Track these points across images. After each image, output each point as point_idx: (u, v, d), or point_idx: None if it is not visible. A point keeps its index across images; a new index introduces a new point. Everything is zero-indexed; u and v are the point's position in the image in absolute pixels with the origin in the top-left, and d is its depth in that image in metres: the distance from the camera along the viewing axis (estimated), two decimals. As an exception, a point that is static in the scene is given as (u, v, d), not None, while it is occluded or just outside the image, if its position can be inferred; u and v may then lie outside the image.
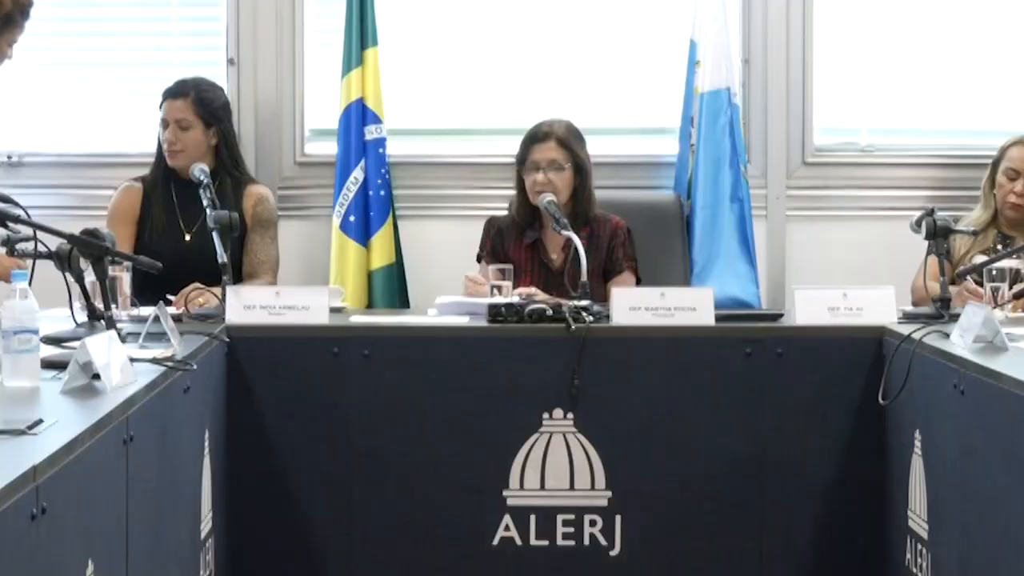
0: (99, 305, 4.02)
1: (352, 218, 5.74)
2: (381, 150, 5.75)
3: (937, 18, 6.01)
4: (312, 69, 5.93)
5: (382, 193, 5.74)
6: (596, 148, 5.32)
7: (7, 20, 5.30)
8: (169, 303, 4.71)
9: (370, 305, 5.69)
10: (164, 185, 5.16)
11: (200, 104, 5.16)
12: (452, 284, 5.29)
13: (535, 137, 5.20)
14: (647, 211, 5.72)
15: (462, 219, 5.69)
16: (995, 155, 5.37)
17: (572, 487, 4.69)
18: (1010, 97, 5.96)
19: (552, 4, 5.98)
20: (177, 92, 5.17)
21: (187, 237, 5.12)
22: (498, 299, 4.73)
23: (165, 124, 5.13)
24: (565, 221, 5.00)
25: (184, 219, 5.13)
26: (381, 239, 5.75)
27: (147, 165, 5.35)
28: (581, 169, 5.18)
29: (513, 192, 5.33)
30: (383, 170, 5.75)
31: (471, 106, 6.01)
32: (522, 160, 5.21)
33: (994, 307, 4.32)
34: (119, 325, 3.99)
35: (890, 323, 4.67)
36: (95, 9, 5.94)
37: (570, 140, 5.19)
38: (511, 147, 5.29)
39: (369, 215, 5.75)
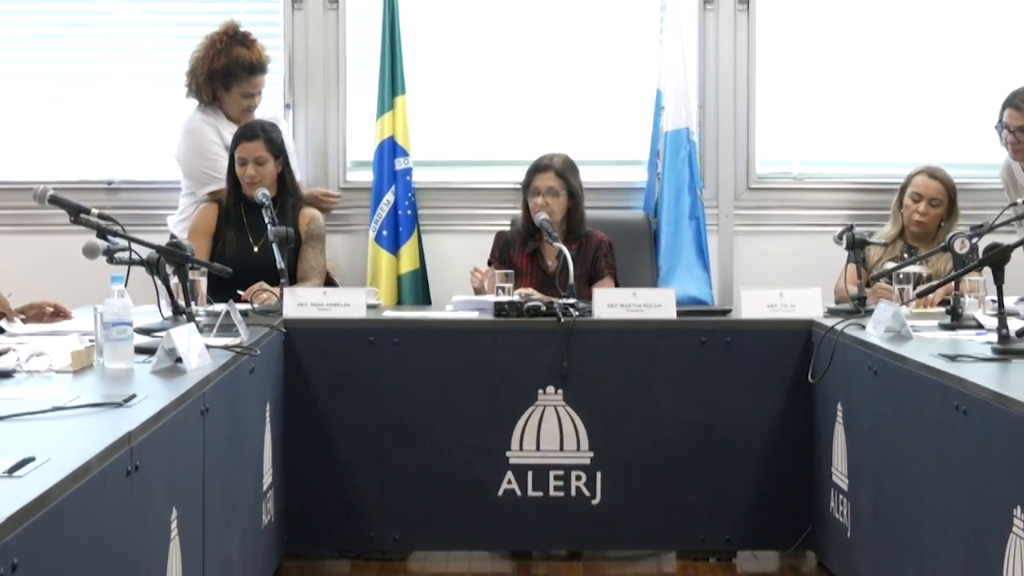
0: (181, 303, 4.02)
1: (384, 232, 5.72)
2: (408, 178, 5.73)
3: (856, 72, 5.98)
4: (352, 113, 5.90)
5: (409, 212, 5.72)
6: (582, 176, 5.29)
7: (227, 74, 5.28)
8: (239, 300, 4.71)
9: (399, 302, 5.67)
10: (235, 206, 5.13)
11: (269, 142, 5.13)
12: (466, 286, 5.26)
13: (537, 167, 5.19)
14: (622, 227, 5.70)
15: (473, 233, 5.67)
16: (903, 182, 5.35)
17: (561, 448, 4.67)
18: (913, 135, 5.93)
19: (548, 60, 5.95)
20: (251, 135, 5.12)
21: (254, 248, 5.08)
22: (502, 298, 4.72)
23: (243, 161, 5.06)
24: (556, 235, 5.01)
25: (251, 233, 5.10)
26: (408, 249, 5.73)
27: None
28: (574, 195, 5.16)
29: (515, 212, 5.31)
30: (409, 194, 5.72)
31: (482, 141, 5.99)
32: (526, 186, 5.19)
33: (901, 304, 4.29)
34: (197, 319, 3.99)
35: (817, 317, 4.67)
36: (179, 64, 5.91)
37: (566, 171, 5.17)
38: (514, 175, 5.29)
39: (398, 230, 5.72)
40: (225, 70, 5.37)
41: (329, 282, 5.33)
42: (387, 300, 5.60)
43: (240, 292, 4.75)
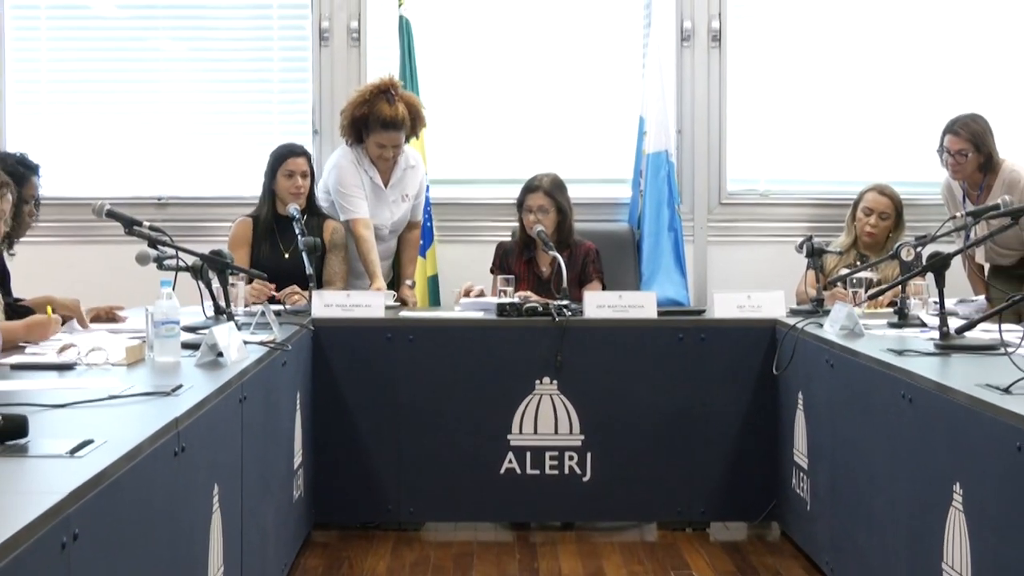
0: (222, 304, 4.01)
1: (409, 243, 5.71)
2: (426, 195, 5.70)
3: (815, 101, 5.98)
4: (374, 137, 5.89)
5: (428, 225, 5.70)
6: (574, 192, 5.29)
7: (365, 124, 5.24)
8: (273, 301, 4.71)
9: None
10: (269, 219, 5.12)
11: (309, 160, 5.14)
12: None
13: (528, 188, 5.16)
14: (609, 238, 5.70)
15: (479, 244, 5.65)
16: (855, 197, 5.35)
17: (556, 432, 4.67)
18: (865, 157, 5.93)
19: (545, 90, 5.94)
20: (300, 152, 5.11)
21: (285, 256, 5.07)
22: (504, 300, 4.72)
23: (291, 174, 5.04)
24: (551, 244, 5.00)
25: (283, 243, 5.09)
26: (429, 256, 5.72)
27: (252, 204, 5.29)
28: (561, 210, 5.14)
29: (515, 224, 5.31)
30: (427, 210, 5.70)
31: (487, 165, 5.98)
32: (520, 204, 5.18)
33: (854, 305, 4.29)
34: (236, 318, 3.98)
35: (780, 317, 4.67)
36: (219, 94, 5.91)
37: (553, 191, 5.14)
38: (515, 192, 5.26)
39: (423, 240, 5.70)
40: (364, 119, 5.22)
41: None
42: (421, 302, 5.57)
43: (275, 294, 4.77)
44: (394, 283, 5.43)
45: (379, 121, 5.20)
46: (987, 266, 5.43)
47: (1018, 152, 5.52)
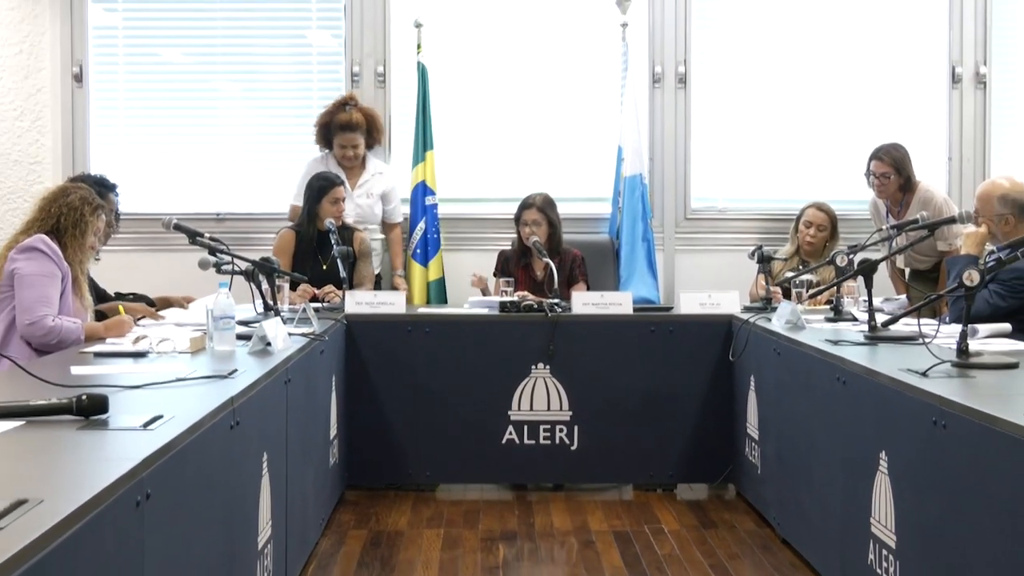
0: (270, 302, 4.01)
1: (418, 251, 5.68)
2: (435, 211, 5.70)
3: (764, 133, 5.96)
4: (395, 161, 5.88)
5: (435, 236, 5.69)
6: (563, 209, 5.29)
7: (329, 129, 5.33)
8: (315, 299, 4.72)
9: (428, 302, 5.64)
10: (309, 231, 5.12)
11: (346, 188, 5.18)
12: (475, 289, 5.24)
13: (524, 205, 5.19)
14: (592, 247, 5.69)
15: (482, 252, 5.64)
16: (798, 213, 5.35)
17: (548, 409, 4.67)
18: (806, 179, 5.91)
19: (538, 123, 5.92)
20: (340, 182, 5.13)
21: (324, 267, 5.07)
22: (505, 298, 4.72)
23: (336, 200, 5.03)
24: (544, 252, 5.01)
25: (320, 252, 5.09)
26: (435, 263, 5.70)
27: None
28: (552, 223, 5.16)
29: (513, 235, 5.31)
30: (435, 223, 5.70)
31: (488, 184, 5.96)
32: (517, 218, 5.20)
33: (797, 303, 4.28)
34: (282, 314, 3.97)
35: (735, 312, 4.67)
36: (269, 125, 5.90)
37: (545, 207, 5.16)
38: (513, 208, 5.26)
39: (428, 249, 5.68)
40: (328, 126, 5.46)
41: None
42: (419, 300, 5.59)
43: (316, 292, 4.80)
44: (385, 276, 5.61)
45: (338, 125, 5.40)
46: (907, 270, 5.43)
47: (931, 174, 5.55)
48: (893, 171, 5.13)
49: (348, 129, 5.39)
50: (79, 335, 3.58)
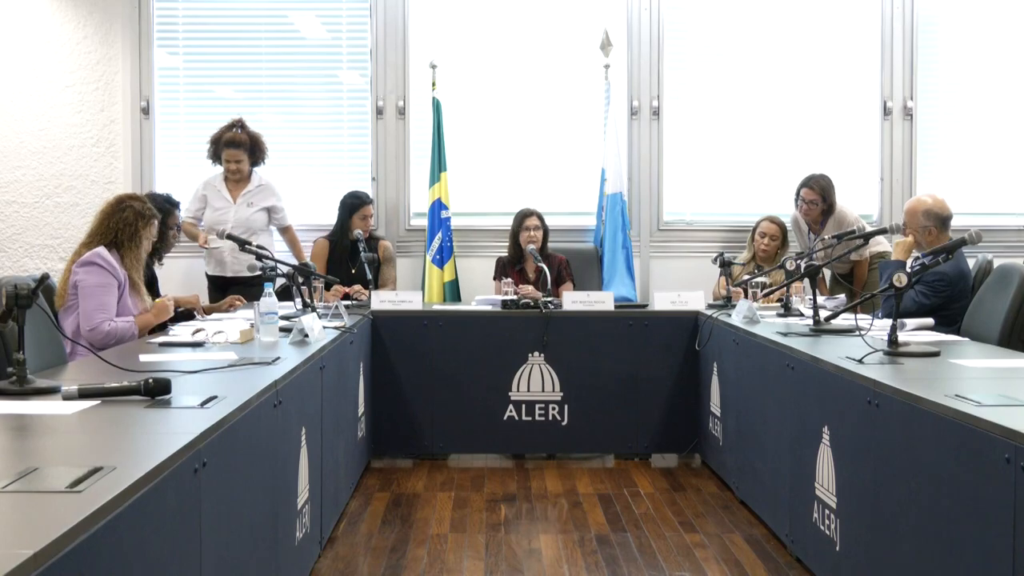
0: (308, 300, 4.01)
1: (437, 256, 5.66)
2: (449, 223, 5.68)
3: (725, 158, 5.94)
4: (414, 182, 5.88)
5: (448, 244, 5.68)
6: (556, 222, 5.31)
7: (218, 146, 5.27)
8: (347, 297, 4.72)
9: (443, 300, 5.64)
10: (341, 241, 5.12)
11: (374, 206, 5.21)
12: (483, 289, 5.25)
13: (525, 214, 5.21)
14: (580, 254, 5.69)
15: (485, 258, 5.64)
16: (754, 225, 5.34)
17: (543, 390, 4.66)
18: (761, 196, 5.89)
19: (532, 149, 5.91)
20: (370, 200, 5.16)
21: (352, 271, 5.07)
22: (507, 297, 4.72)
23: (364, 217, 5.07)
24: (540, 258, 5.01)
25: (350, 258, 5.09)
26: (449, 267, 5.69)
27: (327, 229, 5.30)
28: (545, 230, 5.19)
29: (506, 245, 5.31)
30: (449, 233, 5.69)
31: (492, 200, 5.94)
32: (518, 225, 5.20)
33: (753, 301, 4.28)
34: (318, 310, 3.97)
35: (701, 309, 4.66)
36: (302, 153, 5.88)
37: (541, 217, 5.20)
38: (508, 221, 5.26)
39: (443, 256, 5.68)
40: (218, 142, 5.33)
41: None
42: (436, 299, 5.58)
43: (347, 290, 4.80)
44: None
45: (224, 142, 5.32)
46: (829, 273, 5.43)
47: (866, 193, 5.54)
48: (820, 198, 5.17)
49: (233, 146, 5.27)
50: (133, 331, 3.63)
